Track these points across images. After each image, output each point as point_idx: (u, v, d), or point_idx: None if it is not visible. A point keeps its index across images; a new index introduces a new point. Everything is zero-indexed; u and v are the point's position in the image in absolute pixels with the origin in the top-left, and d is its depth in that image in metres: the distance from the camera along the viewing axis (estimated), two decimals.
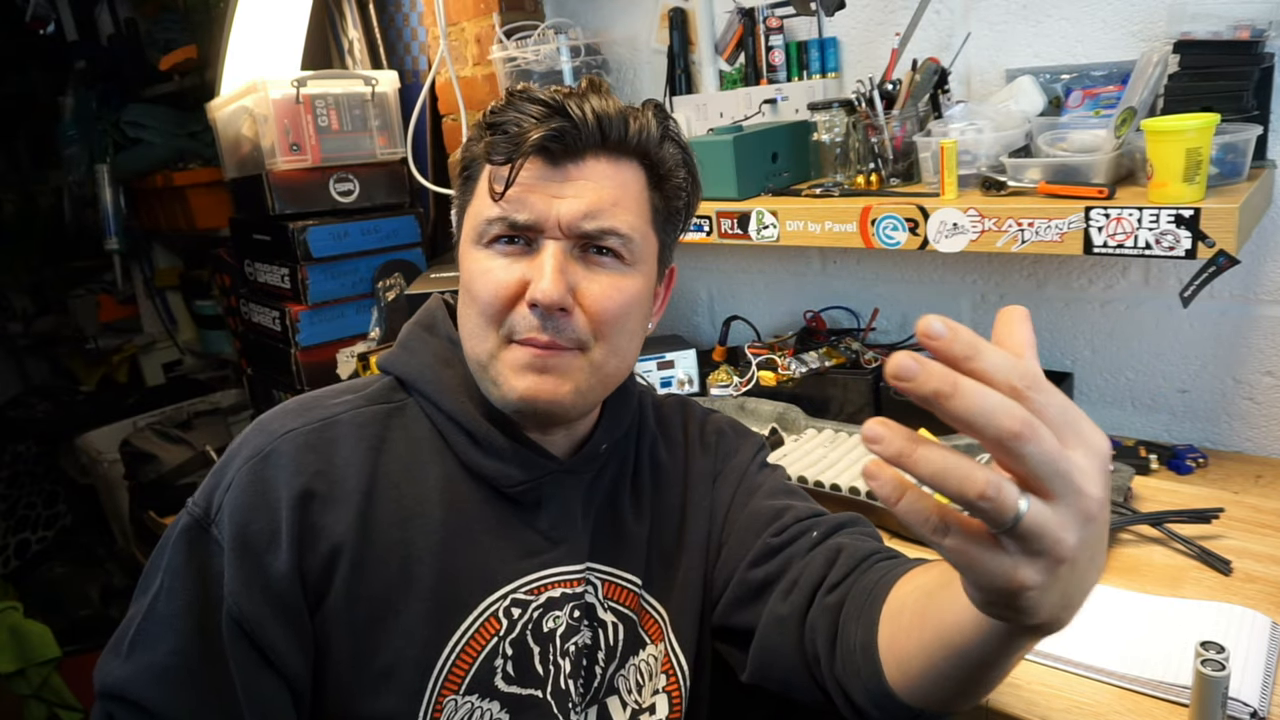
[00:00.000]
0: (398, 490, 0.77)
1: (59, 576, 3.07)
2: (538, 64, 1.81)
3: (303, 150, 1.95)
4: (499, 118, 0.75)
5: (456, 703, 0.75)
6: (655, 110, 0.80)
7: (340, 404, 0.81)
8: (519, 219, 0.74)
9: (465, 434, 0.80)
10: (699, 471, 0.93)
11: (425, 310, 0.89)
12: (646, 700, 0.84)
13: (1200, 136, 1.01)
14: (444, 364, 0.83)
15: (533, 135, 0.72)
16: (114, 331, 3.35)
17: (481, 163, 0.78)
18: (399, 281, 2.02)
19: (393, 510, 0.77)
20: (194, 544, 0.73)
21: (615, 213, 0.76)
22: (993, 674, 0.61)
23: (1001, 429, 0.41)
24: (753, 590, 0.84)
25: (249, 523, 0.72)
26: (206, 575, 0.72)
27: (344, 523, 0.74)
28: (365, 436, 0.78)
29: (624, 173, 0.77)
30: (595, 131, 0.74)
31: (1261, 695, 0.81)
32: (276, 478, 0.74)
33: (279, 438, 0.76)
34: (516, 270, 0.75)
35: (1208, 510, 1.12)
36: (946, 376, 0.40)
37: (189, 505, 0.75)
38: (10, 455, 3.28)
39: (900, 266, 1.64)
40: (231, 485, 0.74)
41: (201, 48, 2.70)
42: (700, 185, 0.86)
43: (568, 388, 0.76)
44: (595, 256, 0.77)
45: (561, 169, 0.75)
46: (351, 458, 0.77)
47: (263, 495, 0.73)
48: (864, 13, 1.55)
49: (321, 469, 0.75)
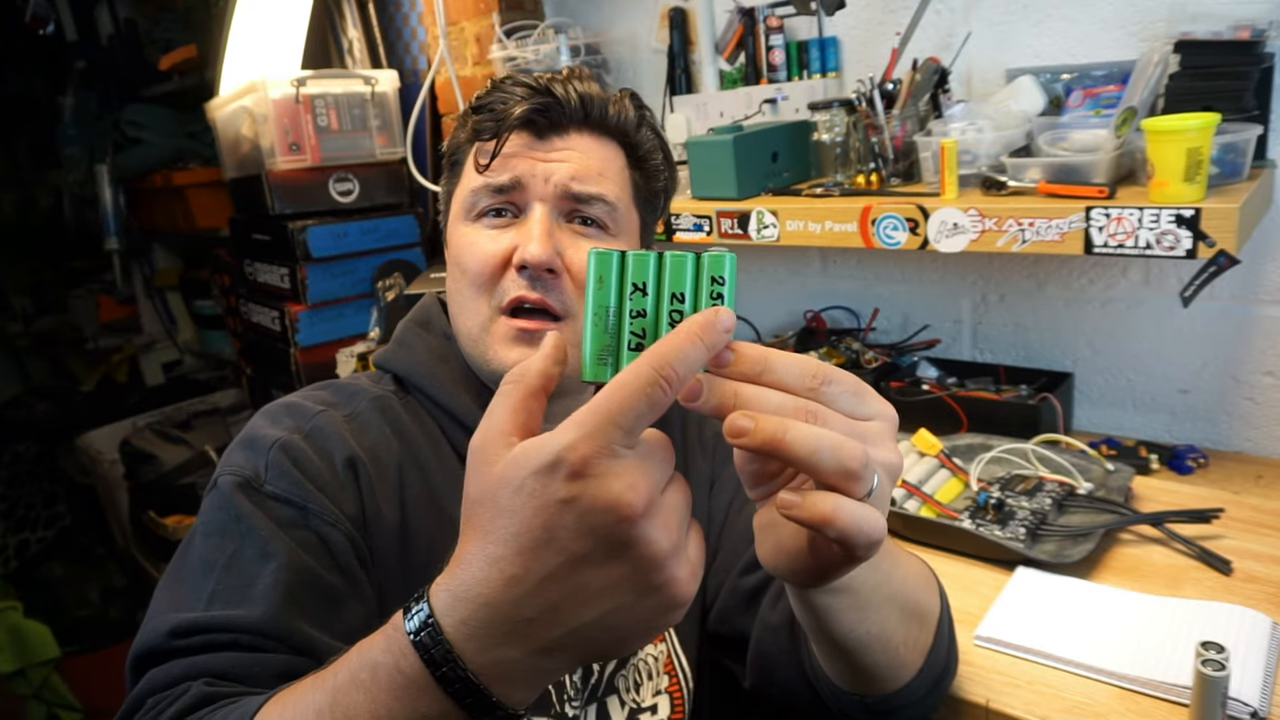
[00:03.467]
0: (422, 474, 0.79)
1: (59, 576, 3.08)
2: (537, 63, 1.81)
3: (302, 150, 1.95)
4: (484, 100, 0.78)
5: None
6: (632, 98, 0.83)
7: (359, 391, 0.82)
8: (505, 180, 0.76)
9: (463, 429, 0.80)
10: (697, 474, 0.93)
11: (420, 308, 0.89)
12: (647, 700, 0.84)
13: (1200, 136, 1.01)
14: (440, 359, 0.83)
15: (518, 110, 0.75)
16: (114, 331, 3.35)
17: (467, 147, 0.81)
18: (398, 281, 2.02)
19: (419, 495, 0.78)
20: (253, 499, 0.70)
21: (601, 181, 0.78)
22: (830, 633, 0.64)
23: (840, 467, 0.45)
24: (744, 598, 0.84)
25: (313, 474, 0.72)
26: (279, 524, 0.70)
27: (387, 498, 0.75)
28: (389, 421, 0.80)
29: (606, 149, 0.80)
30: (579, 108, 0.78)
31: (1261, 695, 0.81)
32: (327, 444, 0.75)
33: (316, 414, 0.77)
34: (505, 239, 0.77)
35: (1208, 510, 1.12)
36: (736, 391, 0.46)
37: (227, 471, 0.72)
38: (10, 455, 3.28)
39: (900, 266, 1.64)
40: (276, 446, 0.72)
41: (201, 48, 2.70)
42: (676, 171, 0.89)
43: None
44: (580, 225, 0.79)
45: (547, 140, 0.77)
46: (381, 440, 0.78)
47: (318, 455, 0.74)
48: (864, 12, 1.55)
49: (363, 444, 0.77)
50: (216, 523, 0.70)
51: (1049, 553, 1.06)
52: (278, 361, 2.09)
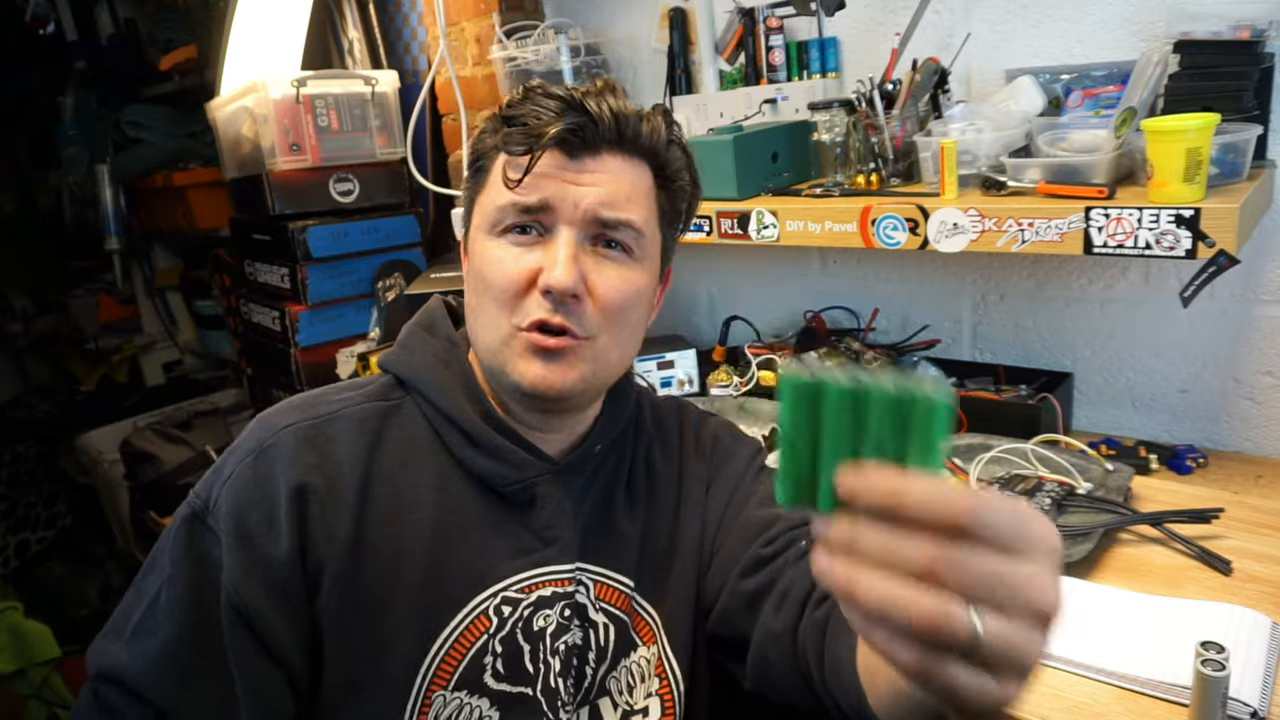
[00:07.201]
0: (392, 487, 0.78)
1: (59, 576, 3.07)
2: (538, 64, 1.81)
3: (303, 150, 1.95)
4: (516, 111, 0.77)
5: (445, 698, 0.76)
6: (664, 114, 0.82)
7: (340, 401, 0.81)
8: (534, 201, 0.76)
9: (461, 433, 0.80)
10: (693, 476, 0.93)
11: (425, 311, 0.89)
12: (639, 702, 0.84)
13: (1200, 136, 1.01)
14: (443, 364, 0.83)
15: (552, 129, 0.74)
16: (114, 331, 3.35)
17: (494, 155, 0.79)
18: (399, 281, 2.02)
19: (386, 507, 0.77)
20: (193, 534, 0.74)
21: (629, 206, 0.78)
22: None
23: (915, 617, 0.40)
24: (745, 601, 0.84)
25: (248, 513, 0.73)
26: (205, 565, 0.73)
27: (339, 518, 0.75)
28: (363, 433, 0.79)
29: (636, 170, 0.80)
30: (612, 128, 0.77)
31: (1261, 695, 0.81)
32: (275, 470, 0.75)
33: (278, 432, 0.77)
34: (529, 259, 0.76)
35: (1208, 510, 1.12)
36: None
37: (190, 497, 0.76)
38: (10, 455, 3.28)
39: (900, 266, 1.64)
40: (230, 478, 0.75)
41: (201, 48, 2.70)
42: (700, 189, 0.88)
43: (574, 375, 0.77)
44: (605, 249, 0.78)
45: (578, 161, 0.77)
46: (348, 454, 0.77)
47: (261, 487, 0.74)
48: (864, 13, 1.55)
49: (318, 464, 0.76)
50: (163, 549, 0.76)
51: None
52: (278, 361, 2.09)
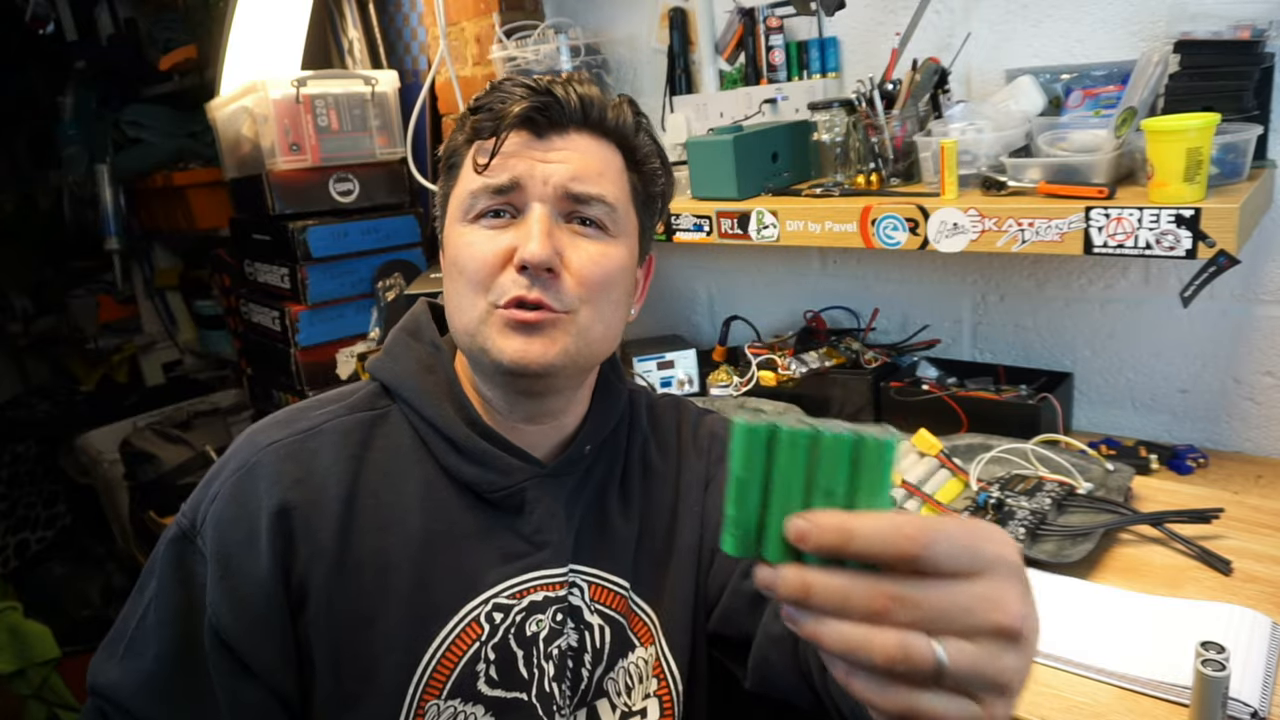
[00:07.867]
0: (377, 499, 0.78)
1: (59, 577, 3.07)
2: (538, 63, 1.81)
3: (302, 150, 1.95)
4: (483, 100, 0.78)
5: (439, 707, 0.75)
6: (630, 103, 0.83)
7: (324, 414, 0.81)
8: (505, 180, 0.76)
9: (446, 440, 0.80)
10: (691, 475, 0.92)
11: (410, 315, 0.89)
12: (637, 703, 0.84)
13: (1200, 136, 1.01)
14: (426, 370, 0.83)
15: (517, 108, 0.75)
16: (114, 331, 3.35)
17: (465, 149, 0.80)
18: (399, 281, 2.02)
19: (372, 519, 0.77)
20: (181, 554, 0.75)
21: (601, 181, 0.78)
22: None
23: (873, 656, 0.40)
24: (747, 601, 0.83)
25: (230, 534, 0.74)
26: (191, 585, 0.74)
27: (324, 532, 0.75)
28: (347, 445, 0.79)
29: (605, 150, 0.80)
30: (578, 109, 0.78)
31: (1261, 695, 0.81)
32: (257, 489, 0.75)
33: (262, 450, 0.77)
34: (503, 239, 0.76)
35: (1208, 510, 1.12)
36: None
37: (179, 515, 0.77)
38: (10, 455, 3.28)
39: (900, 266, 1.64)
40: (216, 497, 0.75)
41: (201, 48, 2.70)
42: (673, 177, 0.89)
43: (556, 349, 0.76)
44: (579, 226, 0.78)
45: (546, 140, 0.77)
46: (332, 467, 0.77)
47: (243, 507, 0.74)
48: (864, 13, 1.55)
49: (302, 479, 0.76)
50: (153, 566, 0.76)
51: (1048, 552, 1.06)
52: (278, 361, 2.09)
